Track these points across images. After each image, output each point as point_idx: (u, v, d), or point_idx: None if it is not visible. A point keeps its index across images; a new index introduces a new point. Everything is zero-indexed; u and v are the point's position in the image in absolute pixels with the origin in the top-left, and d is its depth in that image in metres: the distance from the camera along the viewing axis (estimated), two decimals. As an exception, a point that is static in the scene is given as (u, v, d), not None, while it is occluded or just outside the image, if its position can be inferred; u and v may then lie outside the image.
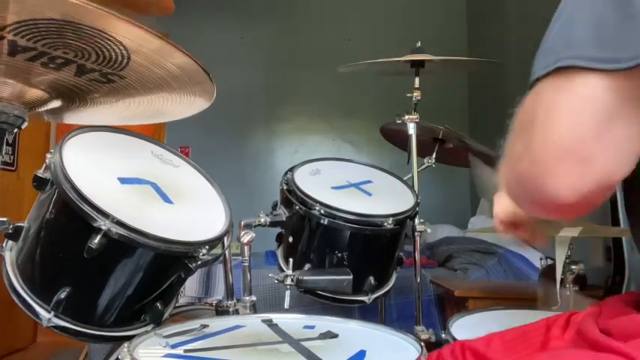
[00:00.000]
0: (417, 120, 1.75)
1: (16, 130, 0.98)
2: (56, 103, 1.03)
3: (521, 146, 0.51)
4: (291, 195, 1.39)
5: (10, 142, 2.94)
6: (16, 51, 0.83)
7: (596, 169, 0.46)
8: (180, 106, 1.05)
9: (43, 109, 1.02)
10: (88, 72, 0.91)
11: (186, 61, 0.88)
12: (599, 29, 0.45)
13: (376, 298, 1.41)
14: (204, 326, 0.96)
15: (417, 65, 1.80)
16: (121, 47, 0.83)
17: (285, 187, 1.42)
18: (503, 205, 0.90)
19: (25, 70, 0.90)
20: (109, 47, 0.83)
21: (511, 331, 0.81)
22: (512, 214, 0.88)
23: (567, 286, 1.42)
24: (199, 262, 1.02)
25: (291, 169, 1.47)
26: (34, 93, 0.97)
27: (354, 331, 1.01)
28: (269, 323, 1.02)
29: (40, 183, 1.00)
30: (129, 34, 0.80)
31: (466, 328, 1.19)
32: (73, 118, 1.12)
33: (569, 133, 0.46)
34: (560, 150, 0.47)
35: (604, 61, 0.44)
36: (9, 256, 1.02)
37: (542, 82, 0.49)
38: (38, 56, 0.85)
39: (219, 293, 2.44)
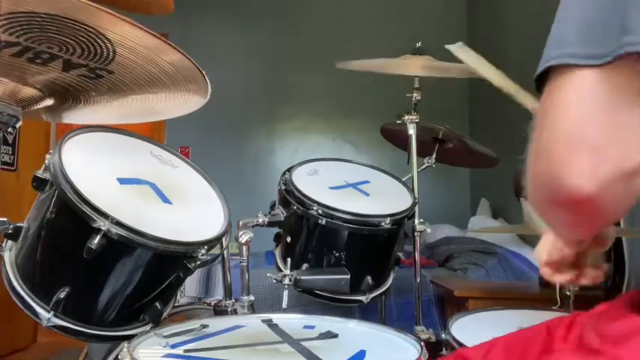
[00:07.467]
0: (417, 120, 1.75)
1: (10, 129, 0.98)
2: (49, 102, 1.03)
3: (535, 149, 0.51)
4: (289, 195, 1.39)
5: (10, 142, 2.94)
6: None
7: (609, 156, 0.46)
8: (176, 104, 1.05)
9: (37, 107, 1.02)
10: (75, 67, 0.90)
11: (178, 58, 0.88)
12: (585, 27, 0.47)
13: (374, 298, 1.41)
14: (204, 326, 0.96)
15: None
16: (105, 40, 0.82)
17: (283, 187, 1.42)
18: (546, 243, 0.81)
19: (13, 67, 0.89)
20: (92, 40, 0.83)
21: (512, 336, 0.80)
22: (557, 253, 0.78)
23: (567, 286, 1.42)
24: (198, 262, 1.02)
25: (289, 170, 1.47)
26: (27, 91, 0.96)
27: (354, 331, 1.01)
28: (269, 323, 1.02)
29: (39, 183, 1.00)
30: (111, 26, 0.80)
31: (466, 328, 1.19)
32: (71, 117, 1.12)
33: (575, 125, 0.47)
34: (570, 142, 0.47)
35: (587, 57, 0.46)
36: (8, 256, 1.02)
37: (546, 86, 0.50)
38: (23, 51, 0.84)
39: (219, 293, 2.44)
